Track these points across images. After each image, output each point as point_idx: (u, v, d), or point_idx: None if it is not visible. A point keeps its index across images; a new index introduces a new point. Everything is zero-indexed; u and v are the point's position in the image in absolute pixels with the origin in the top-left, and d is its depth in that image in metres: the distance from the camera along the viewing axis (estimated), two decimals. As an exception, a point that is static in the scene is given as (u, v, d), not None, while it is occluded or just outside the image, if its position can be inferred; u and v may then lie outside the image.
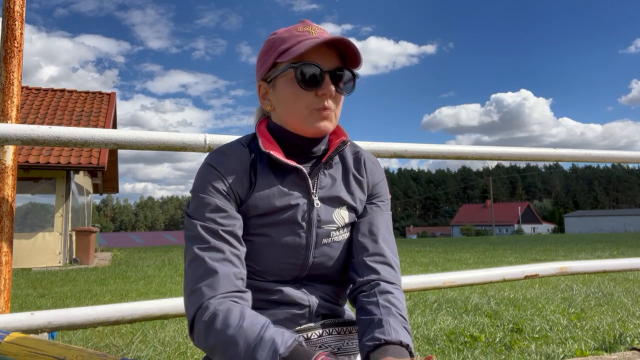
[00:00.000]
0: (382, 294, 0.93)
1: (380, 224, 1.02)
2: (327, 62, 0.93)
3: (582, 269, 2.43)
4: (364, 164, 1.06)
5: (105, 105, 13.53)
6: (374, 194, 1.05)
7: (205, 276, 0.85)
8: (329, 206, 0.98)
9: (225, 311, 0.81)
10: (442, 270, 7.95)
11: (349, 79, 0.97)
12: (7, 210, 1.55)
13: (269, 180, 0.95)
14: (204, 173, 0.94)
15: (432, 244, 19.68)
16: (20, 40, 1.61)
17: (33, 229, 10.82)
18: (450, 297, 4.69)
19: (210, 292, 0.83)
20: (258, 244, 0.94)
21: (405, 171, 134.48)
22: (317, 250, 0.96)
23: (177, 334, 3.23)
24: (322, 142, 1.01)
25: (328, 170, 1.01)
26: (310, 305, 0.97)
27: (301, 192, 0.96)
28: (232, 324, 0.79)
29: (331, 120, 0.95)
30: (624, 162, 2.64)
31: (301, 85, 0.93)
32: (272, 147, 0.96)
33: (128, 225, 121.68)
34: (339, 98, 0.96)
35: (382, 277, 0.95)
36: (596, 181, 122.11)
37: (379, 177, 1.07)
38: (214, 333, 0.80)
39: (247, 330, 0.78)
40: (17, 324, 1.43)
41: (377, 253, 0.98)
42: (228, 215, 0.91)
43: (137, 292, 5.83)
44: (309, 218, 0.96)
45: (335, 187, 1.00)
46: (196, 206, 0.91)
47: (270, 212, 0.94)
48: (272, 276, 0.95)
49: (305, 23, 0.98)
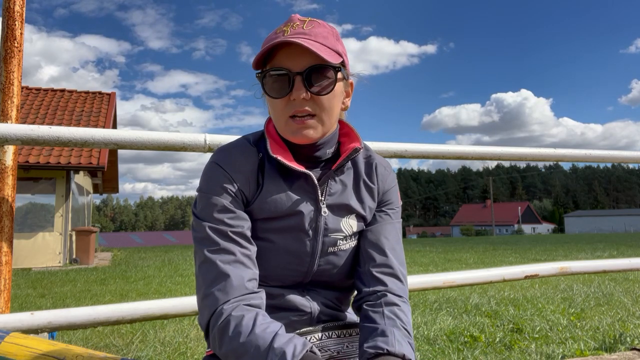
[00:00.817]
0: (388, 305, 0.91)
1: (390, 234, 0.99)
2: (299, 62, 0.86)
3: (582, 269, 2.43)
4: (376, 170, 1.01)
5: (105, 105, 13.53)
6: (385, 201, 1.02)
7: (217, 280, 0.84)
8: (337, 214, 0.95)
9: (238, 318, 0.80)
10: (442, 270, 7.94)
11: (330, 77, 0.88)
12: (7, 210, 1.55)
13: (277, 184, 0.92)
14: (211, 172, 0.91)
15: (432, 244, 19.67)
16: (20, 40, 1.61)
17: (33, 229, 10.82)
18: (450, 297, 4.69)
19: (224, 297, 0.82)
20: (262, 248, 0.92)
21: (405, 171, 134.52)
22: (322, 258, 0.94)
23: (177, 334, 3.22)
24: (327, 145, 0.95)
25: (339, 177, 0.96)
26: (312, 312, 0.95)
27: (309, 199, 0.93)
28: (244, 331, 0.78)
29: (314, 127, 0.89)
30: (624, 162, 2.64)
31: (267, 93, 0.89)
32: (281, 150, 0.92)
33: (128, 225, 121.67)
34: (319, 100, 0.88)
35: (389, 289, 0.93)
36: (596, 181, 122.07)
37: (390, 183, 1.03)
38: (227, 340, 0.79)
39: (258, 337, 0.77)
40: (17, 324, 1.43)
41: (385, 264, 0.95)
42: (236, 216, 0.89)
43: (137, 292, 5.83)
44: (315, 226, 0.93)
45: (345, 195, 0.96)
46: (204, 206, 0.89)
47: (276, 217, 0.91)
48: (275, 281, 0.94)
49: (288, 20, 0.92)
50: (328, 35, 0.91)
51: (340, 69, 0.90)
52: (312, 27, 0.90)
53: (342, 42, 0.95)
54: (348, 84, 0.98)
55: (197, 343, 2.98)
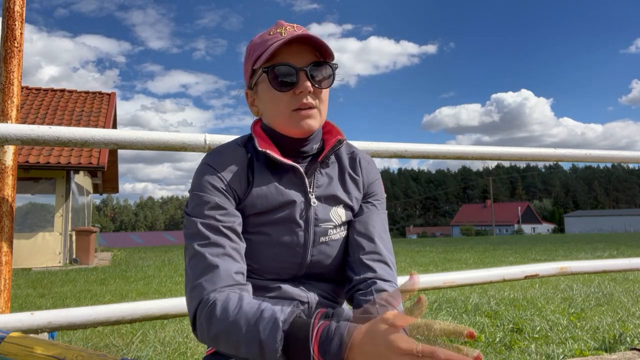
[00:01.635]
0: (378, 292, 0.93)
1: (376, 223, 1.03)
2: (301, 59, 0.93)
3: (582, 269, 2.43)
4: (359, 163, 1.06)
5: (105, 105, 13.53)
6: (370, 192, 1.06)
7: (205, 272, 0.85)
8: (325, 204, 0.99)
9: (223, 299, 0.81)
10: (442, 270, 7.95)
11: (328, 73, 0.96)
12: (7, 210, 1.55)
13: (266, 178, 0.96)
14: (202, 172, 0.94)
15: (432, 244, 19.67)
16: (20, 40, 1.61)
17: (33, 229, 10.82)
18: (450, 297, 4.69)
19: (211, 287, 0.83)
20: (256, 242, 0.94)
21: (405, 171, 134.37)
22: (314, 248, 0.97)
23: (177, 334, 3.22)
24: (314, 141, 1.01)
25: (324, 170, 1.01)
26: (309, 302, 0.97)
27: (298, 191, 0.97)
28: (231, 308, 0.79)
29: (315, 118, 0.95)
30: (624, 162, 2.64)
31: (275, 87, 0.94)
32: (268, 146, 0.97)
33: (128, 225, 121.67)
34: (319, 93, 0.96)
35: (378, 275, 0.96)
36: (596, 181, 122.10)
37: (374, 176, 1.08)
38: (215, 322, 0.79)
39: (246, 311, 0.78)
40: (17, 324, 1.43)
41: (374, 251, 0.99)
42: (227, 212, 0.91)
43: (137, 292, 5.83)
44: (306, 216, 0.96)
45: (332, 186, 1.01)
46: (195, 205, 0.92)
47: (268, 211, 0.94)
48: (271, 274, 0.96)
49: (277, 25, 0.98)
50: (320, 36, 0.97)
51: (337, 64, 0.97)
52: (303, 30, 0.96)
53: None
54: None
55: (197, 343, 2.98)
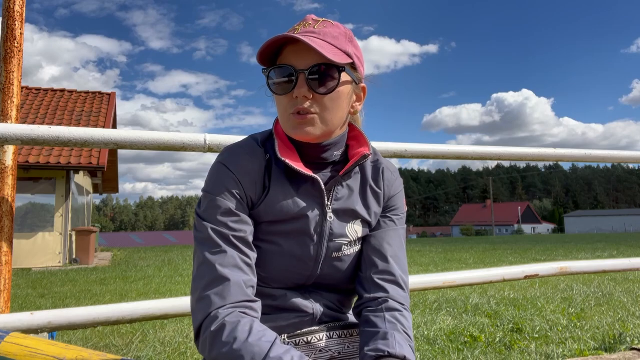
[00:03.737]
0: (389, 310, 0.91)
1: (393, 240, 0.98)
2: (304, 60, 0.86)
3: (582, 269, 2.43)
4: (383, 174, 0.99)
5: (105, 105, 13.53)
6: (390, 206, 1.00)
7: (215, 283, 0.82)
8: (342, 219, 0.94)
9: (233, 323, 0.78)
10: (442, 270, 7.94)
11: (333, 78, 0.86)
12: (7, 210, 1.55)
13: (283, 187, 0.91)
14: (217, 173, 0.90)
15: (432, 244, 19.66)
16: (20, 40, 1.61)
17: (33, 229, 10.82)
18: (450, 297, 4.69)
19: (220, 302, 0.80)
20: (266, 251, 0.91)
21: (405, 171, 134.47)
22: (326, 263, 0.94)
23: (177, 334, 3.22)
24: (335, 148, 0.94)
25: (346, 182, 0.95)
26: (314, 314, 0.95)
27: (315, 204, 0.92)
28: (239, 337, 0.76)
29: (314, 125, 0.87)
30: (624, 162, 2.64)
31: (272, 89, 0.90)
32: (288, 152, 0.91)
33: (128, 225, 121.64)
34: (320, 99, 0.87)
35: (390, 296, 0.93)
36: (596, 181, 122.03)
37: (396, 189, 1.01)
38: (220, 344, 0.77)
39: (254, 345, 0.75)
40: (17, 324, 1.43)
41: (387, 271, 0.94)
42: (240, 219, 0.87)
43: (137, 292, 5.83)
44: (320, 231, 0.92)
45: (352, 200, 0.95)
46: (207, 207, 0.88)
47: (282, 221, 0.90)
48: (278, 283, 0.93)
49: (303, 20, 0.93)
50: (339, 36, 0.90)
51: (344, 69, 0.88)
52: (324, 27, 0.89)
53: (357, 44, 0.94)
54: (359, 87, 0.95)
55: (197, 343, 2.98)
